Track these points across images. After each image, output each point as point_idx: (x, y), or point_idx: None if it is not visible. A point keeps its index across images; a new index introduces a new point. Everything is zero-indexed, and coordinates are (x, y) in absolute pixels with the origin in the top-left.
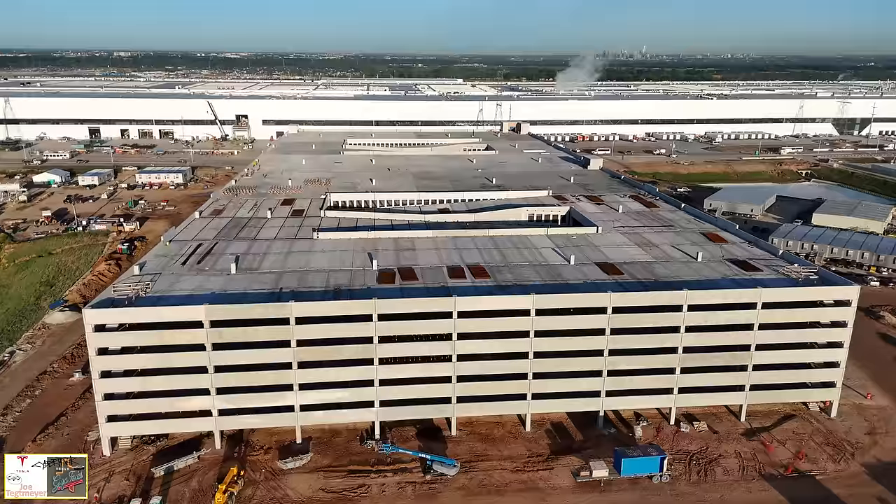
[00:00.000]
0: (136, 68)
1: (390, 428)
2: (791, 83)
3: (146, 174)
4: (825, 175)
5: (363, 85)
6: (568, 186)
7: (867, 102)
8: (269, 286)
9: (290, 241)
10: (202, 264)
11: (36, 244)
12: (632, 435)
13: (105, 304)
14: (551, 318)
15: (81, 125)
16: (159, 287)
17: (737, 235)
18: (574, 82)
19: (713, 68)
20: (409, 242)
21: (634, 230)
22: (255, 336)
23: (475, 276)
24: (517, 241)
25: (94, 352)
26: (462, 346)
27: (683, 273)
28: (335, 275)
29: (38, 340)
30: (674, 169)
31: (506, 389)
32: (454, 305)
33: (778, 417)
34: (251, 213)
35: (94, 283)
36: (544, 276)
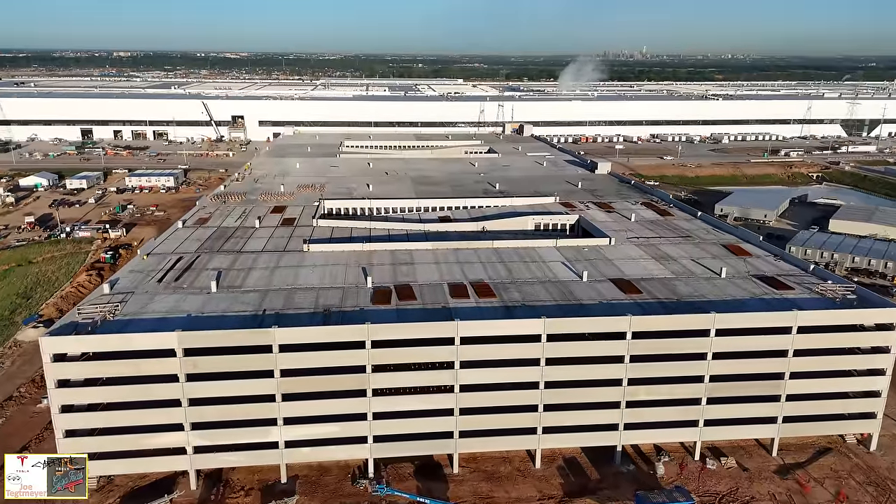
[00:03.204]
0: (135, 68)
1: (385, 465)
2: (796, 83)
3: (136, 177)
4: (837, 178)
5: (363, 85)
6: (575, 192)
7: (877, 103)
8: (251, 307)
9: (279, 255)
10: (180, 281)
11: (16, 252)
12: (653, 472)
13: (66, 329)
14: (565, 345)
15: (73, 126)
16: (130, 309)
17: (761, 247)
18: (577, 82)
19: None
20: (407, 255)
21: (650, 241)
22: (234, 365)
23: (479, 295)
24: (524, 253)
25: (52, 384)
26: (465, 376)
27: (707, 291)
28: (325, 293)
29: (6, 360)
30: (681, 171)
31: (514, 423)
32: (456, 331)
33: (813, 451)
34: (239, 222)
35: (73, 295)
36: (555, 295)
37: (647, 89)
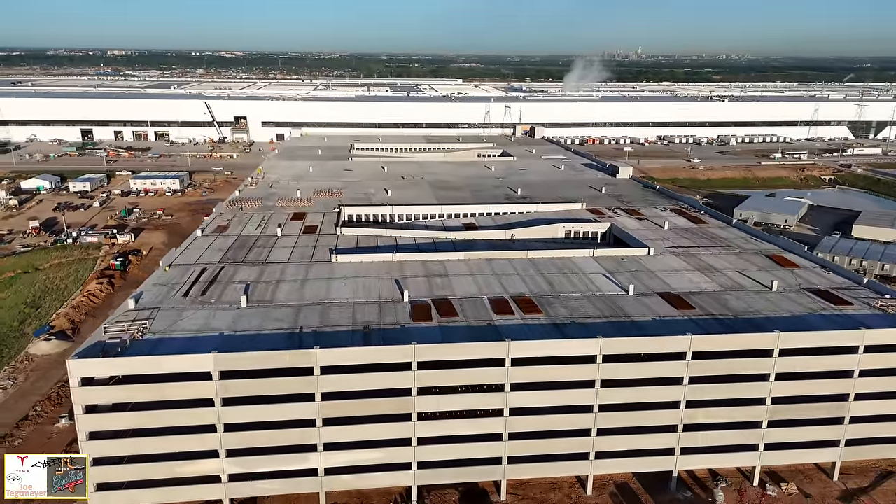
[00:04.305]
0: (130, 67)
1: (429, 491)
2: (797, 85)
3: (140, 180)
4: (850, 181)
5: (363, 85)
6: (600, 198)
7: (886, 105)
8: (286, 324)
9: (306, 266)
10: (207, 295)
11: (21, 258)
12: (711, 500)
13: (94, 350)
14: (621, 366)
15: (73, 126)
16: (158, 326)
17: (806, 258)
18: (581, 83)
19: (710, 69)
20: (439, 266)
21: (689, 251)
22: (273, 388)
23: (524, 310)
24: (560, 264)
25: (80, 410)
26: (516, 399)
27: (762, 307)
28: (361, 308)
29: (19, 376)
30: (692, 174)
31: (565, 448)
32: (508, 351)
33: (875, 475)
34: (259, 231)
35: (84, 305)
36: (604, 312)
37: (650, 90)
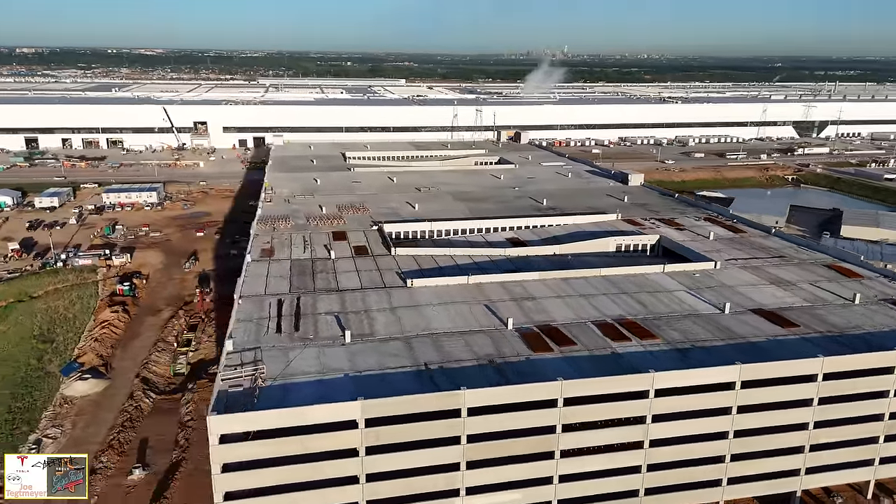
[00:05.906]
0: (45, 66)
1: None
2: (732, 85)
3: (114, 193)
4: (812, 180)
5: (314, 86)
6: (627, 207)
7: (832, 105)
8: (407, 361)
9: (386, 293)
10: (302, 331)
11: (11, 286)
12: None
13: (222, 404)
14: (755, 391)
15: (16, 135)
16: (273, 370)
17: (861, 266)
18: (544, 85)
19: (636, 68)
20: (519, 288)
21: (749, 264)
22: (418, 434)
23: (637, 335)
24: (637, 282)
25: (218, 469)
26: (656, 430)
27: (860, 322)
28: (471, 339)
29: (65, 422)
30: (667, 176)
31: (699, 476)
32: (652, 383)
33: None
34: (309, 253)
35: (108, 337)
36: (714, 333)
37: (601, 91)
